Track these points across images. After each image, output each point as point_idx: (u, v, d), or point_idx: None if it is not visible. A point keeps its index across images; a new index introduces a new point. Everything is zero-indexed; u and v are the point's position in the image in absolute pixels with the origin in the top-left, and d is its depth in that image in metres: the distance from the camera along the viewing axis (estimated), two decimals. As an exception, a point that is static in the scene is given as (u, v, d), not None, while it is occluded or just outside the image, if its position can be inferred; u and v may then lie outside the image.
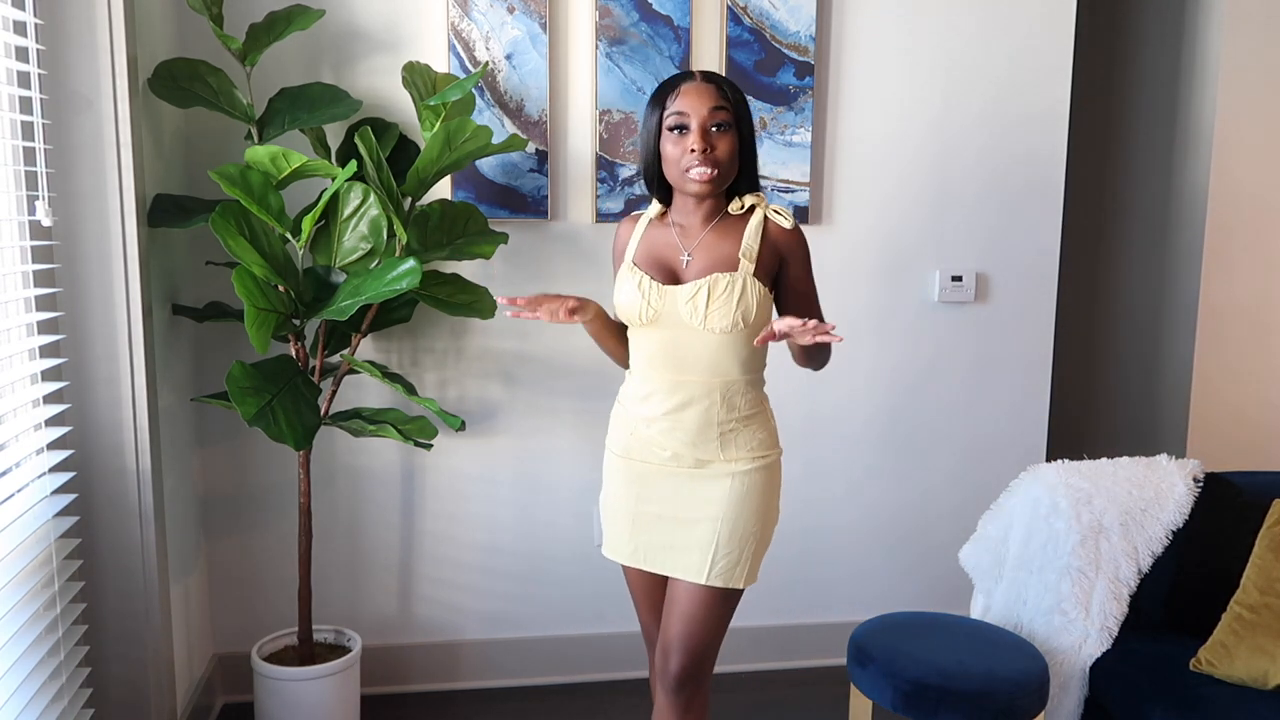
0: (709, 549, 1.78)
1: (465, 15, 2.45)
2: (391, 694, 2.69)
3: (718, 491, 1.78)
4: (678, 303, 1.75)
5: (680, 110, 1.73)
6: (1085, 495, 2.17)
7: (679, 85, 1.75)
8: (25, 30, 1.80)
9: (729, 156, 1.74)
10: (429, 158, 2.15)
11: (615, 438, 1.90)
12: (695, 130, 1.71)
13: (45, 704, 1.71)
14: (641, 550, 1.85)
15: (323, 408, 2.24)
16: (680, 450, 1.79)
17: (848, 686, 2.15)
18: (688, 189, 1.75)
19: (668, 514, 1.81)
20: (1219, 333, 3.02)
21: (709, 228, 1.80)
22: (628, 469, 1.86)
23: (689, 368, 1.77)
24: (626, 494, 1.86)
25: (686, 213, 1.82)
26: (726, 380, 1.77)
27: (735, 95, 1.76)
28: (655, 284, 1.77)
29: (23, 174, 1.78)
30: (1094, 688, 2.09)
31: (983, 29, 2.70)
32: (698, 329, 1.75)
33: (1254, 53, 2.91)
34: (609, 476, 1.92)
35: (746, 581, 1.82)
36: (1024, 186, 2.78)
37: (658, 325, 1.77)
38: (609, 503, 1.91)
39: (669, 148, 1.75)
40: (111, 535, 2.00)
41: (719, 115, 1.72)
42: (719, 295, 1.73)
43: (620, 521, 1.88)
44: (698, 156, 1.71)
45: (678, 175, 1.75)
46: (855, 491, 2.85)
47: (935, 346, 2.82)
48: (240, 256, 2.01)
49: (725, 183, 1.77)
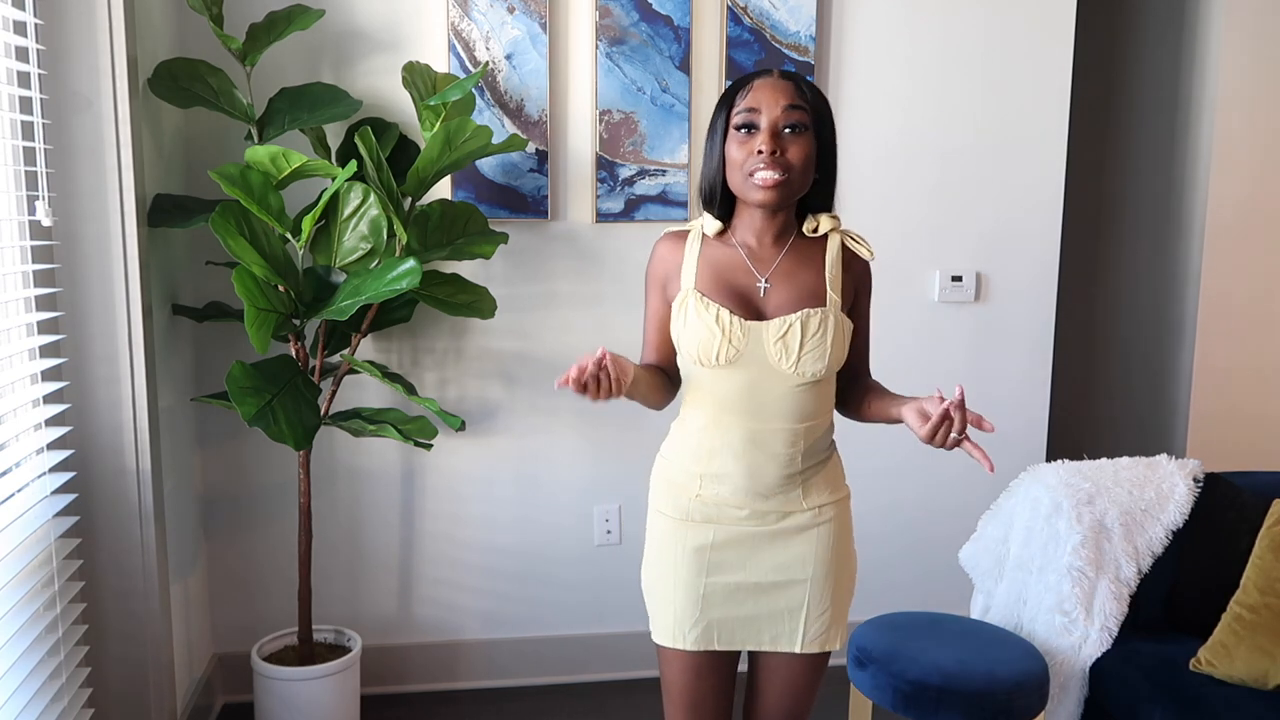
0: (800, 612, 1.59)
1: (465, 15, 2.45)
2: (391, 694, 2.69)
3: (803, 546, 1.59)
4: (765, 341, 1.52)
5: (751, 106, 1.50)
6: (1086, 495, 2.17)
7: (752, 81, 1.53)
8: (25, 30, 1.80)
9: (802, 162, 1.50)
10: (429, 158, 2.15)
11: (669, 500, 1.62)
12: (765, 129, 1.49)
13: (45, 704, 1.71)
14: (715, 628, 1.60)
15: (323, 408, 2.24)
16: (759, 507, 1.57)
17: (848, 686, 2.15)
18: (751, 196, 1.51)
19: (748, 581, 1.59)
20: (1219, 332, 3.02)
21: (784, 250, 1.57)
22: (691, 536, 1.59)
23: (770, 414, 1.54)
24: (692, 566, 1.59)
25: (755, 230, 1.57)
26: (810, 425, 1.57)
27: (816, 98, 1.54)
28: (738, 319, 1.52)
29: (23, 174, 1.78)
30: (1094, 688, 2.09)
31: (983, 29, 2.70)
32: (786, 371, 1.52)
33: (1254, 53, 2.91)
34: (664, 547, 1.62)
35: (842, 641, 1.63)
36: (1024, 186, 2.78)
37: (737, 366, 1.53)
38: (665, 580, 1.62)
39: (734, 149, 1.51)
40: (111, 535, 2.00)
41: (794, 115, 1.50)
42: (813, 334, 1.51)
43: (682, 600, 1.60)
44: (765, 158, 1.47)
45: (741, 181, 1.51)
46: (855, 492, 2.82)
47: (935, 346, 2.82)
48: (240, 256, 2.01)
49: (796, 194, 1.54)
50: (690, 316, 1.54)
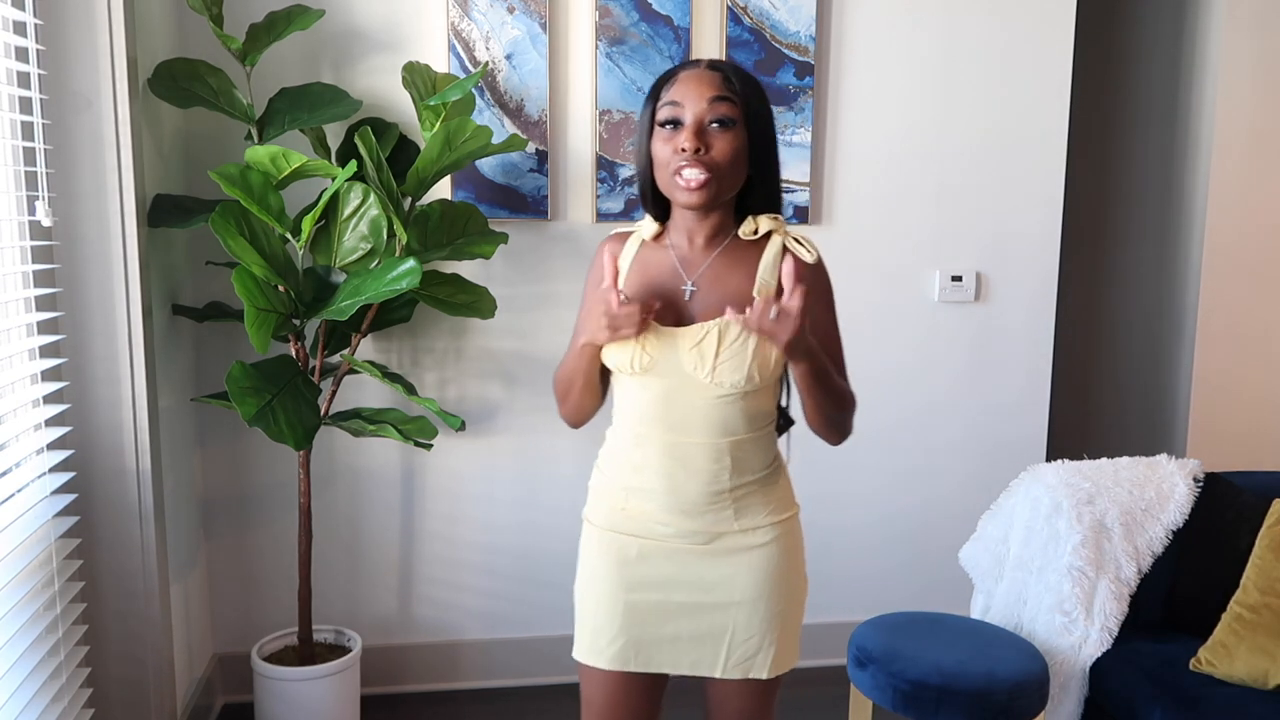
0: (724, 637, 1.49)
1: (465, 15, 2.45)
2: (391, 694, 2.69)
3: (733, 569, 1.49)
4: (679, 349, 1.43)
5: (674, 100, 1.40)
6: (1086, 495, 2.17)
7: (678, 73, 1.43)
8: (25, 30, 1.80)
9: (729, 159, 1.40)
10: (429, 158, 2.15)
11: (598, 510, 1.57)
12: (689, 125, 1.39)
13: (45, 704, 1.71)
14: (634, 648, 1.51)
15: (323, 408, 2.24)
16: (685, 525, 1.48)
17: (848, 686, 2.15)
18: (677, 197, 1.43)
19: (670, 601, 1.50)
20: (1219, 332, 3.02)
21: (715, 253, 1.49)
22: (616, 548, 1.52)
23: (691, 427, 1.45)
24: (614, 580, 1.51)
25: (686, 232, 1.49)
26: (738, 440, 1.47)
27: (747, 88, 1.42)
28: (652, 325, 1.44)
29: (23, 174, 1.78)
30: (1094, 688, 2.09)
31: (983, 29, 2.70)
32: (702, 381, 1.43)
33: (1254, 52, 2.91)
34: (588, 558, 1.56)
35: (774, 669, 1.51)
36: (1024, 186, 2.78)
37: (653, 375, 1.44)
38: (587, 592, 1.56)
39: (659, 147, 1.42)
40: (111, 535, 2.00)
41: (721, 108, 1.39)
42: (731, 342, 1.42)
43: (603, 614, 1.52)
44: (688, 157, 1.38)
45: (667, 180, 1.42)
46: (855, 491, 2.85)
47: (935, 346, 2.82)
48: (240, 256, 2.01)
49: (725, 193, 1.44)
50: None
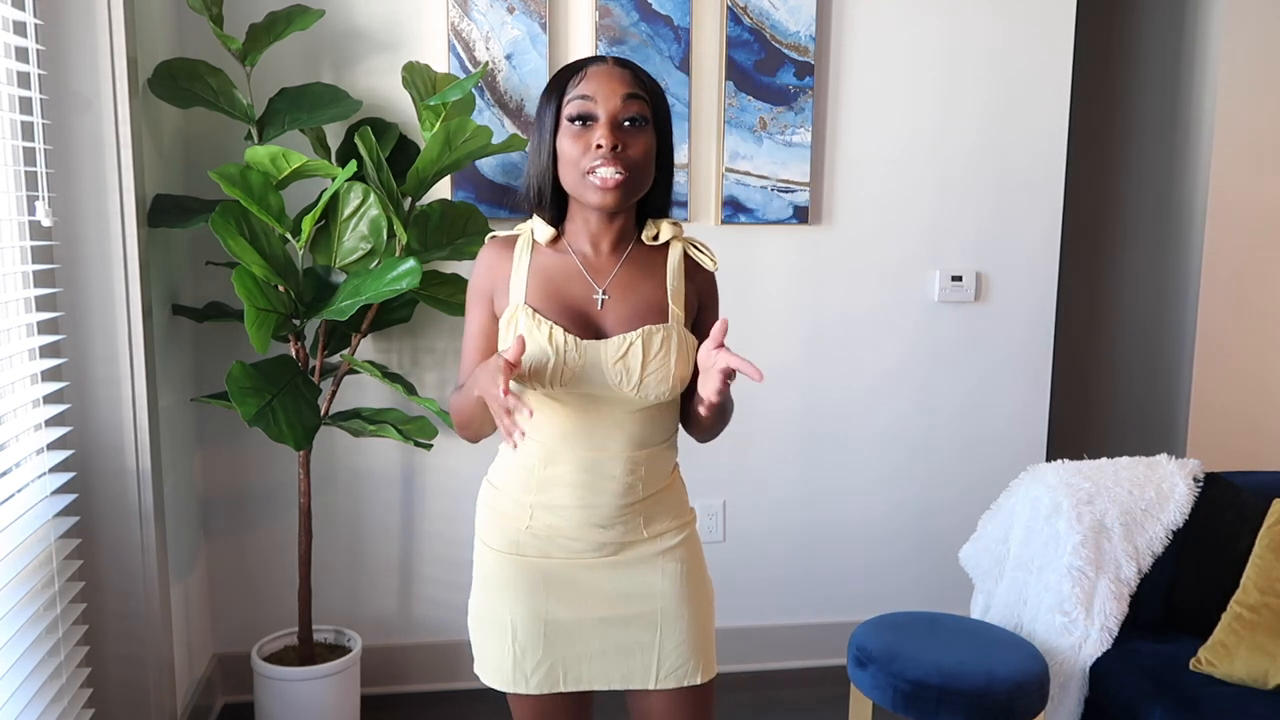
0: (652, 647, 1.46)
1: (465, 15, 2.45)
2: (391, 694, 2.69)
3: (648, 576, 1.46)
4: (603, 362, 1.36)
5: (585, 94, 1.35)
6: (1086, 495, 2.17)
7: (585, 68, 1.37)
8: (25, 30, 1.80)
9: (644, 159, 1.36)
10: (429, 158, 2.15)
11: (496, 532, 1.47)
12: (604, 121, 1.34)
13: (45, 704, 1.71)
14: (561, 668, 1.45)
15: (323, 408, 2.24)
16: (596, 538, 1.43)
17: (848, 686, 2.15)
18: (588, 198, 1.36)
19: (590, 616, 1.45)
20: (1219, 332, 3.02)
21: (621, 259, 1.43)
22: (523, 571, 1.45)
23: (609, 440, 1.40)
24: (527, 603, 1.44)
25: (591, 235, 1.42)
26: (652, 451, 1.43)
27: (654, 89, 1.40)
28: (573, 338, 1.36)
29: (23, 174, 1.78)
30: (1094, 688, 2.09)
31: (983, 29, 2.70)
32: (627, 395, 1.37)
33: (1254, 52, 2.91)
34: (490, 585, 1.47)
35: (706, 674, 1.49)
36: (1024, 186, 2.78)
37: (571, 390, 1.37)
38: (497, 619, 1.46)
39: (567, 144, 1.35)
40: (111, 535, 2.00)
41: (634, 106, 1.35)
42: (655, 353, 1.37)
43: (522, 638, 1.45)
44: (605, 154, 1.32)
45: (577, 179, 1.36)
46: (855, 491, 2.85)
47: (935, 346, 2.82)
48: (240, 256, 2.01)
49: (637, 194, 1.39)
50: (522, 335, 1.34)
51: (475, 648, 1.51)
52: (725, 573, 2.78)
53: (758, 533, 2.81)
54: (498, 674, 1.47)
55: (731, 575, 2.79)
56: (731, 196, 2.62)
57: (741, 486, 2.77)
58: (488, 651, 1.48)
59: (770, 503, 2.80)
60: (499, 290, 1.44)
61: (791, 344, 2.75)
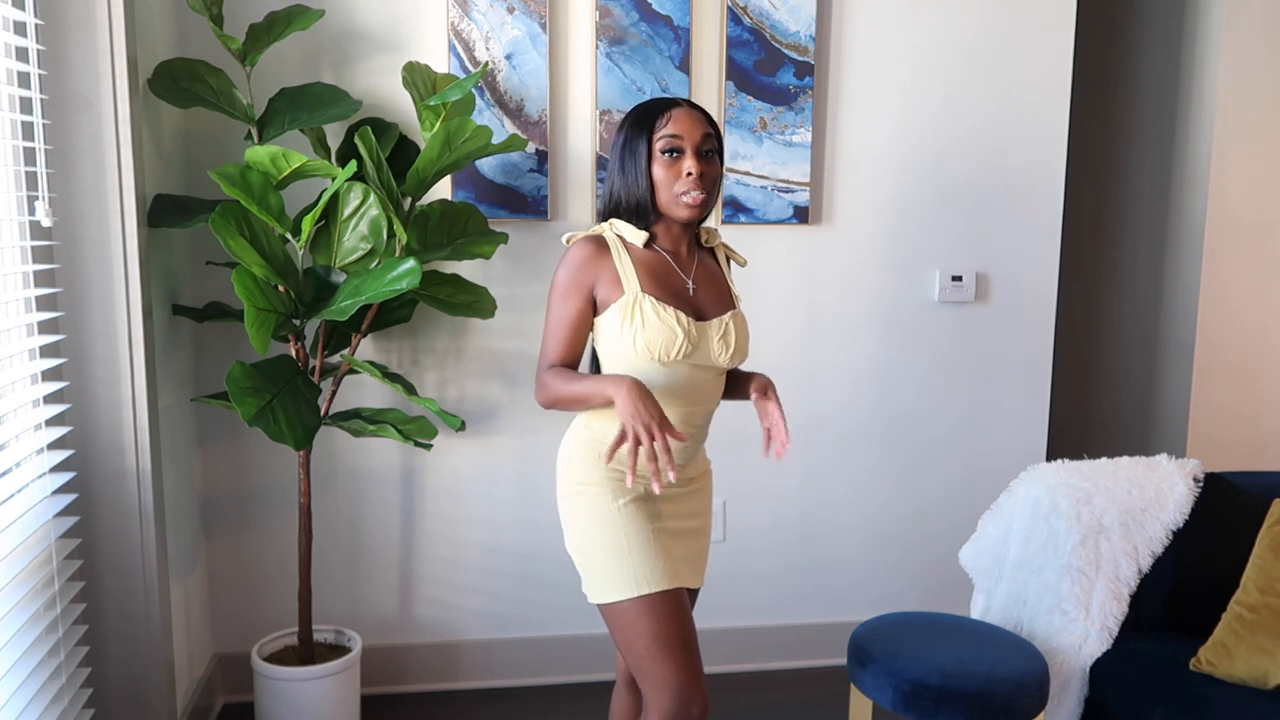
0: (705, 554, 1.86)
1: (465, 15, 2.45)
2: (391, 694, 2.69)
3: (700, 500, 1.85)
4: (710, 339, 1.73)
5: (675, 133, 1.70)
6: (1085, 495, 2.17)
7: (670, 110, 1.73)
8: (25, 30, 1.80)
9: (718, 181, 1.75)
10: (429, 158, 2.15)
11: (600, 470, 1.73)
12: (690, 154, 1.70)
13: (45, 704, 1.71)
14: (677, 566, 1.73)
15: (323, 408, 2.24)
16: (681, 475, 1.79)
17: (848, 686, 2.15)
18: (679, 214, 1.72)
19: (684, 528, 1.80)
20: (1219, 332, 3.02)
21: (696, 257, 1.80)
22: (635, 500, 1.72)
23: (701, 399, 1.76)
24: (639, 518, 1.71)
25: (674, 240, 1.78)
26: (714, 408, 1.81)
27: (716, 128, 1.78)
28: (691, 320, 1.70)
29: (23, 174, 1.78)
30: (1094, 688, 2.09)
31: (983, 29, 2.70)
32: (720, 364, 1.74)
33: (1254, 53, 2.91)
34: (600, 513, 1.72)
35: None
36: (1024, 186, 2.78)
37: (684, 361, 1.71)
38: (617, 537, 1.70)
39: (660, 171, 1.71)
40: (111, 535, 2.00)
41: (710, 142, 1.73)
42: (740, 331, 1.77)
43: (643, 548, 1.69)
44: (694, 180, 1.69)
45: (670, 200, 1.71)
46: (855, 492, 2.85)
47: (935, 346, 2.82)
48: (240, 256, 2.01)
49: (712, 208, 1.78)
50: (649, 318, 1.68)
51: (599, 576, 1.70)
52: (725, 572, 2.78)
53: (758, 533, 2.81)
54: (632, 583, 1.67)
55: (732, 575, 2.80)
56: (732, 196, 2.63)
57: (741, 487, 2.78)
58: (610, 569, 1.69)
59: (770, 503, 2.81)
60: (602, 281, 1.72)
61: (791, 344, 2.75)
